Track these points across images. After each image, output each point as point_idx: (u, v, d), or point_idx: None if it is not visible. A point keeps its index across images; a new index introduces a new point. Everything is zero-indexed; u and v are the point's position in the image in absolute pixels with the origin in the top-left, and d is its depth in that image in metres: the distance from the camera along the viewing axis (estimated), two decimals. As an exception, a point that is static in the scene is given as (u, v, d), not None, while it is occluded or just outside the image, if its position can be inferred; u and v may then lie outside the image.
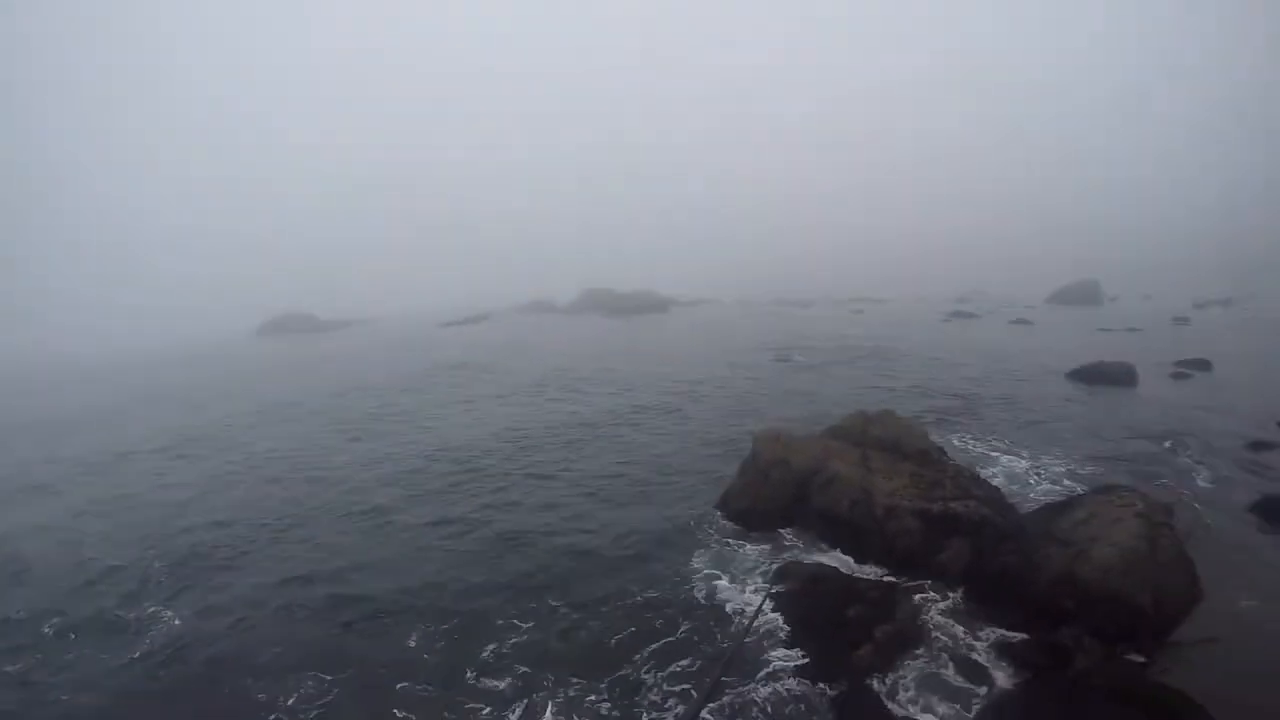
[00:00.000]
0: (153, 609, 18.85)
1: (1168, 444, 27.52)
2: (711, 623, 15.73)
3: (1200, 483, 23.27)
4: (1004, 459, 26.67)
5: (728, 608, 16.39)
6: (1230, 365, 46.43)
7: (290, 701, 13.91)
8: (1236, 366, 46.25)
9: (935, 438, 24.18)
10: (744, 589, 17.18)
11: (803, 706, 12.81)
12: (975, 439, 29.33)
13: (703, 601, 16.83)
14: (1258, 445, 27.17)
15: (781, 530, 20.12)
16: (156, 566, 21.70)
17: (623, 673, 14.10)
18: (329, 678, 14.55)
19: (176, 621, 18.03)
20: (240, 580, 20.09)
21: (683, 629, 15.54)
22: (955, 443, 27.81)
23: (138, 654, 16.59)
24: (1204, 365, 45.79)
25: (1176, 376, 43.58)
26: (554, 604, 17.07)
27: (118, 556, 22.86)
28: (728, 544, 19.85)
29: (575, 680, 13.89)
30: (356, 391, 54.41)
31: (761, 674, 13.75)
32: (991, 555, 16.53)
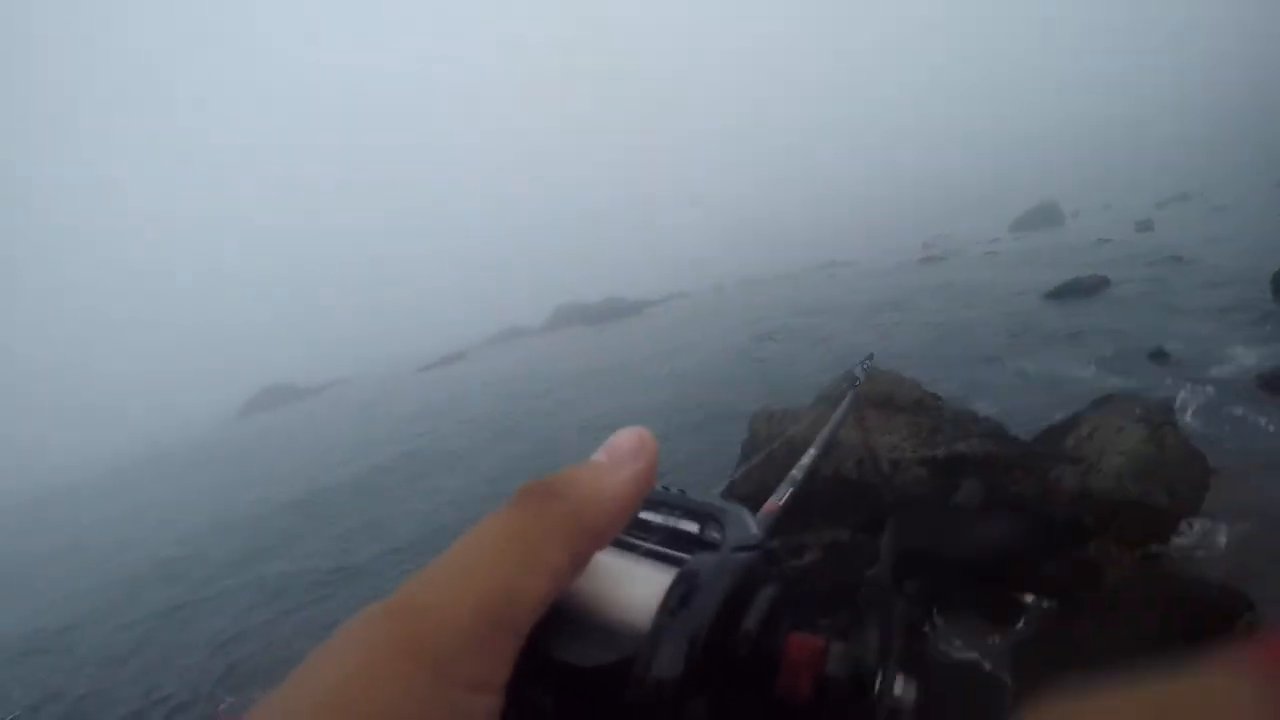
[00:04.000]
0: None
1: (1156, 344, 27.46)
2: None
3: (1196, 372, 23.25)
4: (997, 388, 26.67)
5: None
6: (1201, 255, 46.50)
7: None
8: (1206, 255, 46.33)
9: (927, 383, 24.06)
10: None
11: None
12: (966, 374, 29.29)
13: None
14: (1245, 319, 27.22)
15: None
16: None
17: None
18: None
19: None
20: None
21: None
22: (947, 383, 27.67)
23: None
24: (1175, 260, 45.94)
25: (1151, 279, 43.55)
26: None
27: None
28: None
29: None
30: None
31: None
32: (1004, 488, 16.45)
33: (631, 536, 0.66)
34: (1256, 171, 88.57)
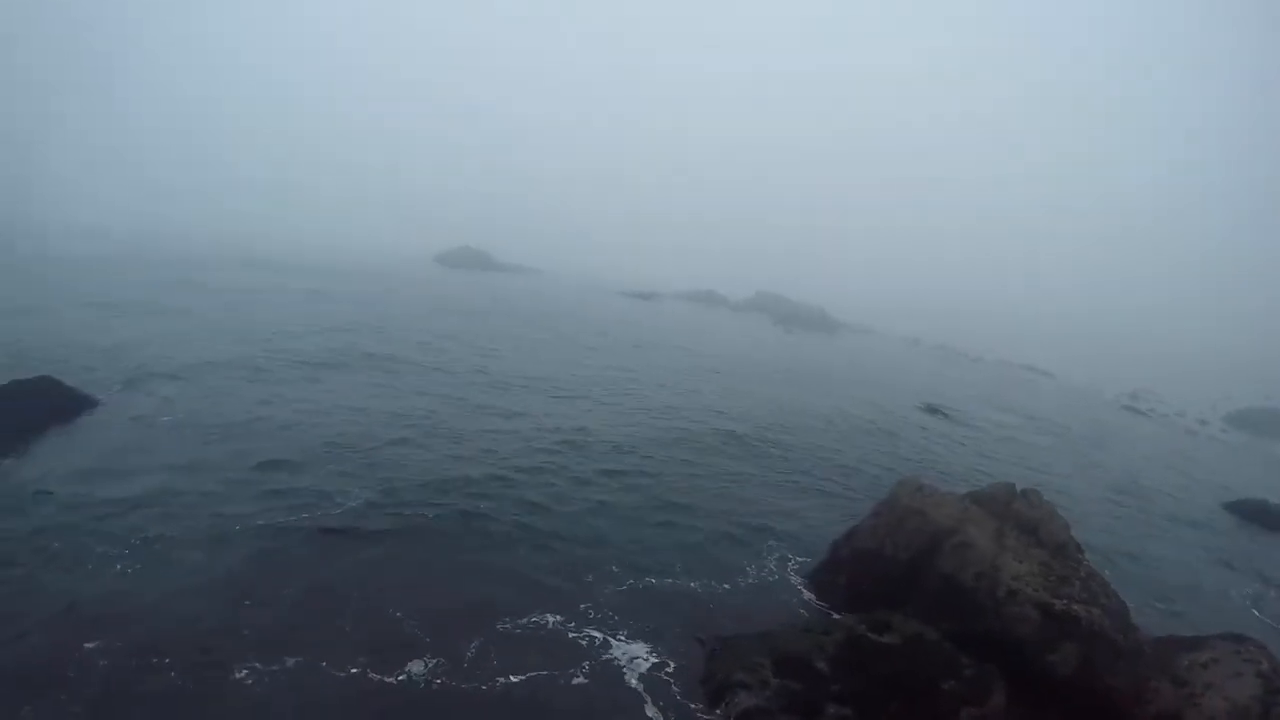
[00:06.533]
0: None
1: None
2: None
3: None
4: (1140, 568, 26.36)
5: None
6: None
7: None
8: None
9: (1079, 530, 24.04)
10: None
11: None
12: (1117, 540, 28.99)
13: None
14: None
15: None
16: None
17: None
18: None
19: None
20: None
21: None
22: (1097, 539, 27.56)
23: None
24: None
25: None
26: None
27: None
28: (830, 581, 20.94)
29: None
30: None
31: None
32: (1101, 671, 16.89)
33: None
34: None
